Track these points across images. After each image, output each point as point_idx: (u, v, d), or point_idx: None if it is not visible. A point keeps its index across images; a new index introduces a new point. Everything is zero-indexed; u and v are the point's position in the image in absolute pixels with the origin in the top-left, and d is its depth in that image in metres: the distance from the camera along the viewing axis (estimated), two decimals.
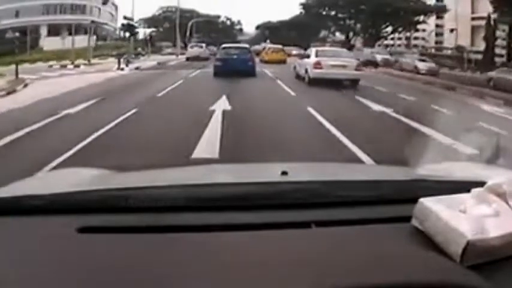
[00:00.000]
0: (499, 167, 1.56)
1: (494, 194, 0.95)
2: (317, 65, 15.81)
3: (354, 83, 15.75)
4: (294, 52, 38.60)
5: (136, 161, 4.89)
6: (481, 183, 0.99)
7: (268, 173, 1.42)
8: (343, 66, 15.85)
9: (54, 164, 5.28)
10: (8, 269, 0.84)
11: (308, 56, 17.69)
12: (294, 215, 1.07)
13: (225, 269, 0.81)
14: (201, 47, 39.07)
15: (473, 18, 51.50)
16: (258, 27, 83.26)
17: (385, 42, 60.23)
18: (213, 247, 0.90)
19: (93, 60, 33.03)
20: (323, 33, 72.22)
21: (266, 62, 29.63)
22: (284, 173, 1.24)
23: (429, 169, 1.48)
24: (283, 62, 29.41)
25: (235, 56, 19.66)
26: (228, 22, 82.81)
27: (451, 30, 52.42)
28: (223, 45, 21.76)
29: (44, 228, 1.01)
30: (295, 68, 19.50)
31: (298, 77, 17.87)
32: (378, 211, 1.09)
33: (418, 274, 0.78)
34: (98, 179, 1.41)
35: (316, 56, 16.53)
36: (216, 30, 77.41)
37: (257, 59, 24.52)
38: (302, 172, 1.49)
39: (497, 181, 0.96)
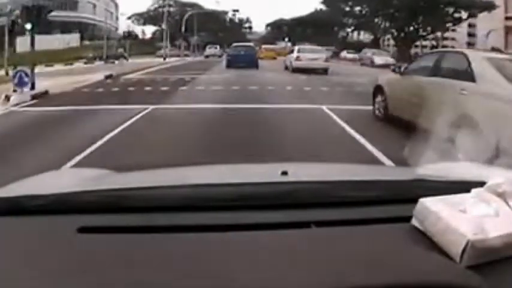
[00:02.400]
0: (499, 167, 1.57)
1: (494, 194, 0.99)
2: (298, 58, 24.47)
3: (324, 71, 23.67)
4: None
5: None
6: (481, 183, 1.03)
7: (268, 173, 1.45)
8: (316, 59, 24.28)
9: None
10: (8, 269, 0.89)
11: (292, 51, 26.75)
12: (294, 215, 1.11)
13: (225, 269, 0.85)
14: (216, 47, 53.85)
15: (507, 18, 49.24)
16: (268, 25, 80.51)
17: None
18: (213, 247, 0.94)
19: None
20: (346, 32, 68.02)
21: (261, 58, 37.94)
22: (284, 173, 1.28)
23: (429, 169, 1.51)
24: (274, 58, 41.35)
25: (242, 53, 28.09)
26: (236, 19, 79.35)
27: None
28: (234, 44, 30.96)
29: (44, 228, 1.06)
30: (284, 61, 28.16)
31: (286, 67, 26.26)
32: (378, 211, 1.13)
33: (418, 274, 0.82)
34: (98, 179, 1.46)
35: (298, 52, 25.25)
36: (224, 28, 74.12)
37: None
38: (302, 172, 1.53)
39: (497, 181, 1.00)
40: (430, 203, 0.99)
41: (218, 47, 55.81)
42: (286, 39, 66.98)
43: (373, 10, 53.92)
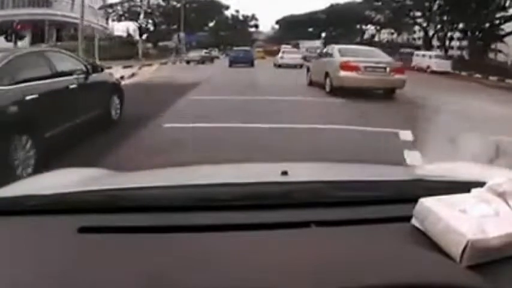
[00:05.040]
0: (499, 167, 1.60)
1: (494, 194, 1.00)
2: (282, 58, 35.16)
3: (300, 66, 31.37)
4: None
5: None
6: (481, 183, 1.04)
7: (268, 173, 1.46)
8: (295, 58, 34.91)
9: None
10: (8, 269, 0.89)
11: (278, 52, 38.71)
12: (294, 215, 1.12)
13: (225, 269, 0.85)
14: (215, 51, 59.15)
15: None
16: (277, 22, 73.97)
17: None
18: (213, 247, 0.95)
19: None
20: (372, 31, 58.63)
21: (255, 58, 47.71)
22: (284, 173, 1.29)
23: (429, 169, 1.53)
24: (264, 58, 50.41)
25: (242, 54, 36.92)
26: (240, 16, 71.01)
27: None
28: (235, 48, 40.90)
29: (44, 228, 1.06)
30: (273, 60, 37.75)
31: (274, 65, 35.13)
32: (378, 211, 1.13)
33: (418, 274, 0.83)
34: (98, 179, 1.46)
35: (282, 53, 36.28)
36: (226, 27, 67.47)
37: None
38: (302, 172, 1.54)
39: (497, 181, 1.01)
40: (430, 203, 1.00)
41: (217, 49, 60.03)
42: (323, 34, 58.70)
43: (418, 2, 42.95)
